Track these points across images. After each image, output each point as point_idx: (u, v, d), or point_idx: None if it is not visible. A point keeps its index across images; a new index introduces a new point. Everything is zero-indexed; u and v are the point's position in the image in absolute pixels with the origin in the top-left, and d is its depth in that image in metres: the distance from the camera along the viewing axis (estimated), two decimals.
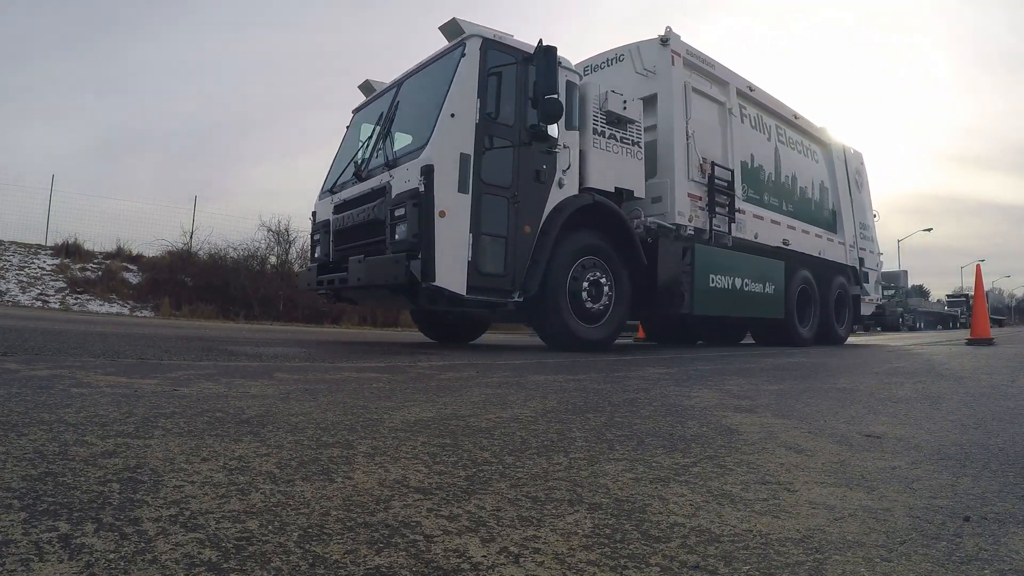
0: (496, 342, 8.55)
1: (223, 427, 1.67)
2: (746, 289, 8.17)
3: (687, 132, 7.39)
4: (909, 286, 36.81)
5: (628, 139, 6.62)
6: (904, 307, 31.75)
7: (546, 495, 1.22)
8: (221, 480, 1.19)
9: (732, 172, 7.94)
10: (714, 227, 7.60)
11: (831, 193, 10.97)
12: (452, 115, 5.18)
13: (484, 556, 0.90)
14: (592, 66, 8.23)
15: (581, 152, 6.15)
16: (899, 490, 1.34)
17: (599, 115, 6.33)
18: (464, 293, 5.09)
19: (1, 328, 5.12)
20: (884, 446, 1.80)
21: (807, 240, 9.78)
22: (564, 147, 5.92)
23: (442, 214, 4.97)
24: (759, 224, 8.59)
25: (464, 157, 5.17)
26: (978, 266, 10.17)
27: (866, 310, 12.26)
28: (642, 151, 6.74)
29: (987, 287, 19.91)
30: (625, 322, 6.69)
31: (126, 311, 12.77)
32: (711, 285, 7.53)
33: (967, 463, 1.61)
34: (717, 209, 7.60)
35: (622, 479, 1.37)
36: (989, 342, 8.99)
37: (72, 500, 1.02)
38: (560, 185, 5.84)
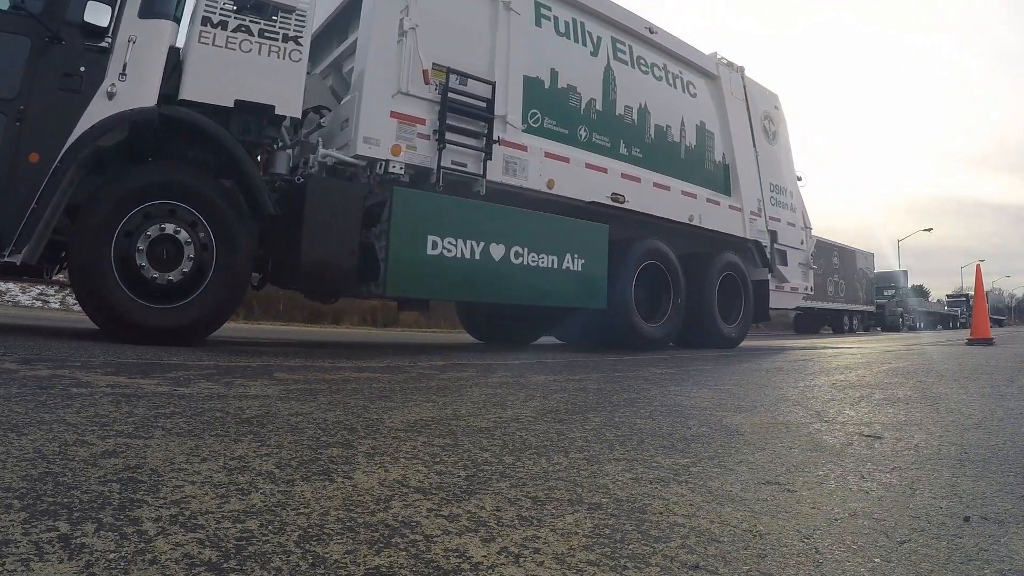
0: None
1: (223, 427, 1.68)
2: (517, 262, 5.50)
3: (401, 25, 5.17)
4: (909, 286, 36.83)
5: (276, 33, 4.57)
6: (904, 307, 31.77)
7: (546, 495, 1.22)
8: (221, 480, 1.19)
9: (493, 86, 5.52)
10: (449, 166, 5.16)
11: (720, 141, 8.10)
12: None
13: (484, 556, 0.90)
14: None
15: (174, 50, 4.42)
16: (899, 490, 1.34)
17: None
18: None
19: (1, 328, 5.12)
20: (884, 446, 1.81)
21: (666, 199, 7.09)
22: (129, 41, 4.16)
23: None
24: (559, 168, 6.01)
25: None
26: (978, 266, 10.16)
27: (784, 301, 9.36)
28: (303, 51, 4.72)
29: (987, 287, 19.93)
30: (237, 300, 4.58)
31: None
32: (430, 253, 4.97)
33: (967, 463, 1.61)
34: (452, 138, 5.19)
35: (622, 479, 1.37)
36: (989, 342, 8.99)
37: (72, 500, 1.02)
38: (110, 96, 4.07)
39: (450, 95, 5.24)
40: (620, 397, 2.72)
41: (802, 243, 9.47)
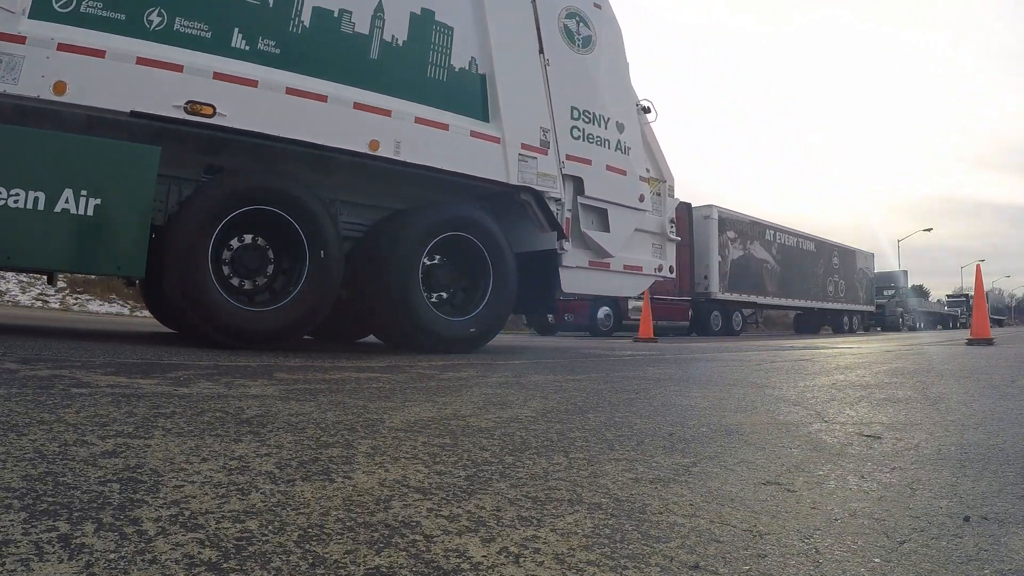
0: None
1: (223, 427, 1.68)
2: None
3: None
4: (909, 286, 36.88)
5: None
6: (904, 307, 31.82)
7: (546, 495, 1.22)
8: (221, 480, 1.19)
9: None
10: None
11: (470, 39, 5.53)
12: None
13: (484, 556, 0.90)
14: None
15: None
16: (899, 490, 1.34)
17: None
18: None
19: (1, 328, 5.12)
20: (884, 446, 1.80)
21: (319, 114, 4.64)
22: None
23: None
24: (83, 65, 4.02)
25: None
26: (978, 266, 10.13)
27: (608, 285, 6.45)
28: None
29: (987, 287, 19.92)
30: None
31: (126, 311, 12.79)
32: None
33: (967, 463, 1.61)
34: None
35: (622, 479, 1.37)
36: (989, 342, 8.99)
37: (72, 500, 1.02)
38: None
39: None
40: (620, 397, 2.72)
41: (642, 200, 6.47)
